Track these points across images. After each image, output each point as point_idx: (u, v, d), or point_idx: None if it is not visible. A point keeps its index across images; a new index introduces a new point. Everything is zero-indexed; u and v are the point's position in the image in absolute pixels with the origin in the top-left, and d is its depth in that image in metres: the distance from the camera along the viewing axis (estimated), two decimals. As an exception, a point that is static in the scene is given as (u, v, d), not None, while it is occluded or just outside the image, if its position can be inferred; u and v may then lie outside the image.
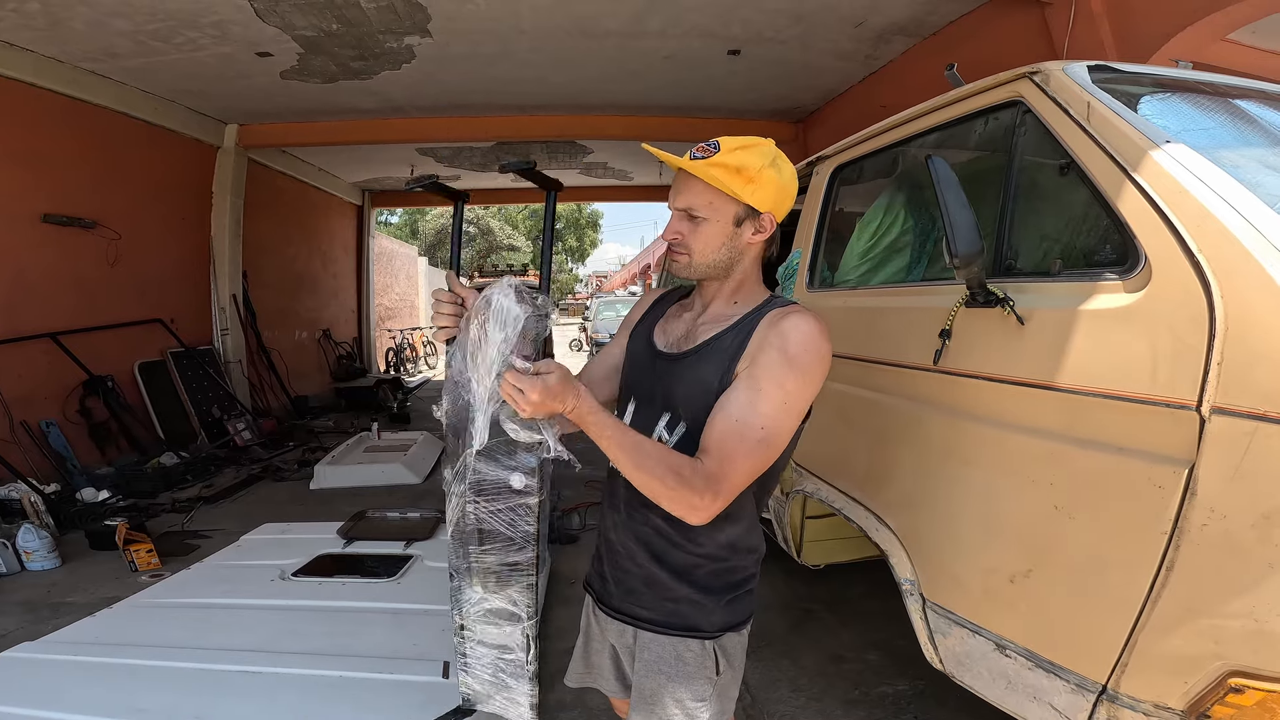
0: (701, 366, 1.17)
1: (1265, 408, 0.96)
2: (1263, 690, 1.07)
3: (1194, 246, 1.06)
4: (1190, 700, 1.14)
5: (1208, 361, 1.02)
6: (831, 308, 2.20)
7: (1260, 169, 1.23)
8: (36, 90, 5.32)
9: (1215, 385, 1.01)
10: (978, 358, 1.47)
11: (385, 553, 3.15)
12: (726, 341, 1.16)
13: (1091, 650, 1.27)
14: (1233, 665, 1.09)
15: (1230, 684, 1.09)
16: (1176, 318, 1.08)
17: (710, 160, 1.10)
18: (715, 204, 1.14)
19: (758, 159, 1.12)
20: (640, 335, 1.33)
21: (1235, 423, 1.00)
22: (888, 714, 2.32)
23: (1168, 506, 1.08)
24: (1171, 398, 1.07)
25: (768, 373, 1.08)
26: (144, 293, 6.59)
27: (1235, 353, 1.00)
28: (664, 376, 1.23)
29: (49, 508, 4.39)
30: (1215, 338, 1.01)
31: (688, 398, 1.17)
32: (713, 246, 1.16)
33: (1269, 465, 0.97)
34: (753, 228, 1.17)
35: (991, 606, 1.49)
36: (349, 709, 1.93)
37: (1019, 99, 1.50)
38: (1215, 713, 1.13)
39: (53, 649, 2.27)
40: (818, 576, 3.25)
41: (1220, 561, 1.06)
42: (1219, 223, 1.05)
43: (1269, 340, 0.98)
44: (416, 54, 5.66)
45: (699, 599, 1.21)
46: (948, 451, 1.59)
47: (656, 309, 1.36)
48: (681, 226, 1.17)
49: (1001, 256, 1.47)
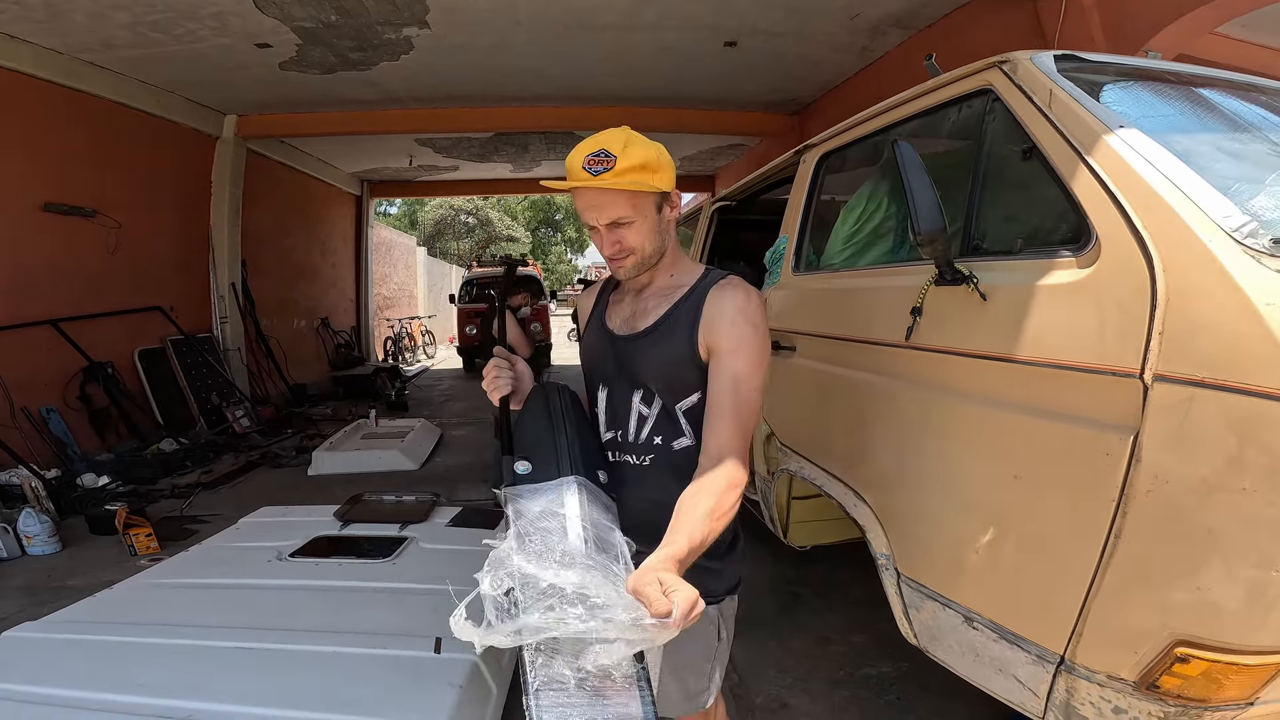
0: (667, 341, 1.26)
1: (1202, 374, 1.02)
2: (1207, 660, 1.09)
3: (1139, 224, 1.11)
4: (1140, 671, 1.17)
5: (1150, 331, 1.07)
6: (816, 290, 2.25)
7: (1214, 153, 1.28)
8: (37, 81, 5.36)
9: (1157, 354, 1.07)
10: (945, 333, 1.52)
11: (381, 535, 3.18)
12: (681, 312, 1.26)
13: (1050, 621, 1.30)
14: (1179, 635, 1.11)
15: (1176, 653, 1.12)
16: (1122, 291, 1.13)
17: (618, 170, 1.15)
18: (638, 204, 1.21)
19: (646, 149, 1.19)
20: (594, 326, 1.41)
21: (1175, 389, 1.05)
22: (871, 694, 2.38)
23: (1115, 474, 1.13)
24: (1117, 366, 1.13)
25: (741, 344, 1.19)
26: (144, 281, 6.65)
27: (1175, 323, 1.05)
28: (628, 357, 1.30)
29: (49, 493, 4.44)
30: (1157, 308, 1.07)
31: (659, 371, 1.26)
32: (649, 240, 1.24)
33: (1206, 431, 1.02)
34: (668, 206, 1.26)
35: (959, 578, 1.53)
36: (343, 682, 1.95)
37: (989, 87, 1.55)
38: (1164, 683, 1.15)
39: (53, 628, 2.29)
40: (805, 561, 3.31)
41: (1164, 528, 1.10)
42: (1163, 201, 1.10)
43: (1206, 311, 1.03)
44: (415, 45, 5.70)
45: (705, 564, 1.23)
46: (918, 425, 1.64)
47: (600, 300, 1.45)
48: (617, 235, 1.22)
49: (969, 237, 1.53)
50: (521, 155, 10.35)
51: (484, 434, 6.89)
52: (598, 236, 1.25)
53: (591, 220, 1.23)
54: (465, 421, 7.75)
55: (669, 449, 1.27)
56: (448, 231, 29.26)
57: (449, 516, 3.39)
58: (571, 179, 1.19)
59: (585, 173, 1.16)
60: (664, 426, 1.27)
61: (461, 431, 7.27)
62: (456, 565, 2.83)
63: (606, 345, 1.35)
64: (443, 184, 13.29)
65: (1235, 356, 0.99)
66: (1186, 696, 1.15)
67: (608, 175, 1.15)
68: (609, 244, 1.24)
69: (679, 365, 1.24)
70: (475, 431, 7.22)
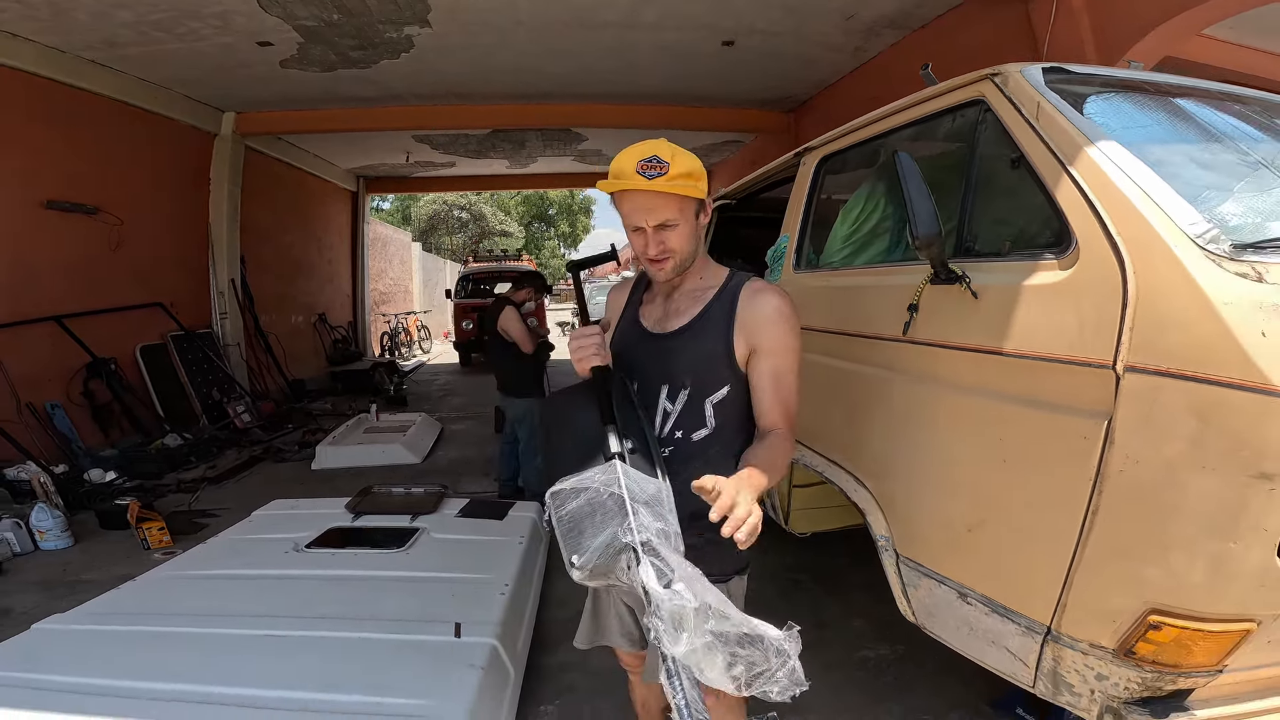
0: (701, 339, 1.36)
1: (1168, 365, 1.14)
2: (1178, 627, 1.19)
3: (1113, 230, 1.23)
4: (1119, 639, 1.27)
5: (1122, 327, 1.19)
6: (816, 287, 2.36)
7: (1186, 162, 1.39)
8: (38, 80, 5.40)
9: (1128, 347, 1.19)
10: (940, 328, 1.64)
11: (393, 526, 3.24)
12: (714, 312, 1.37)
13: (1037, 594, 1.40)
14: (1152, 604, 1.21)
15: (1150, 621, 1.22)
16: (1098, 290, 1.25)
17: (671, 175, 1.24)
18: (684, 208, 1.30)
19: (690, 159, 1.28)
20: (627, 323, 1.50)
21: (1144, 379, 1.17)
22: (869, 675, 2.48)
23: (1092, 455, 1.24)
24: (1093, 358, 1.24)
25: (783, 345, 1.34)
26: (145, 277, 6.69)
27: (1144, 319, 1.17)
28: (660, 354, 1.40)
29: (58, 488, 4.49)
30: (1128, 307, 1.19)
31: (694, 367, 1.36)
32: (689, 243, 1.34)
33: (1171, 416, 1.14)
34: (704, 214, 1.36)
35: (953, 556, 1.64)
36: (370, 667, 2.01)
37: (981, 98, 1.66)
38: (1140, 650, 1.25)
39: (82, 620, 2.32)
40: (806, 548, 3.39)
41: (1136, 505, 1.21)
42: (1135, 209, 1.22)
43: (1172, 309, 1.15)
44: (416, 44, 5.75)
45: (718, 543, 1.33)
46: (914, 414, 1.75)
47: (634, 296, 1.54)
48: (662, 237, 1.30)
49: (962, 239, 1.64)
50: (518, 152, 10.39)
51: (484, 428, 6.96)
52: (641, 238, 1.32)
53: (640, 221, 1.30)
54: (465, 416, 7.84)
55: (687, 441, 1.36)
56: (441, 227, 29.20)
57: (457, 508, 3.47)
58: (624, 182, 1.25)
59: (640, 177, 1.23)
60: (686, 420, 1.37)
61: (462, 426, 7.35)
62: (469, 555, 2.92)
63: (639, 341, 1.45)
64: (439, 180, 13.32)
65: (1197, 350, 1.11)
66: (1161, 662, 1.25)
67: (661, 180, 1.23)
68: (654, 245, 1.31)
69: (713, 361, 1.34)
70: (475, 425, 7.29)
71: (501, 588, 2.57)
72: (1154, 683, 1.27)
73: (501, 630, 2.26)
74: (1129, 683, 1.29)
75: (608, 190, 1.31)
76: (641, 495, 1.13)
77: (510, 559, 2.87)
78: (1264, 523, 1.10)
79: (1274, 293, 1.10)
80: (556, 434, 1.39)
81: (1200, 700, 1.30)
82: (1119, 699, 1.30)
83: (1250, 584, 1.14)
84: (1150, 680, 1.27)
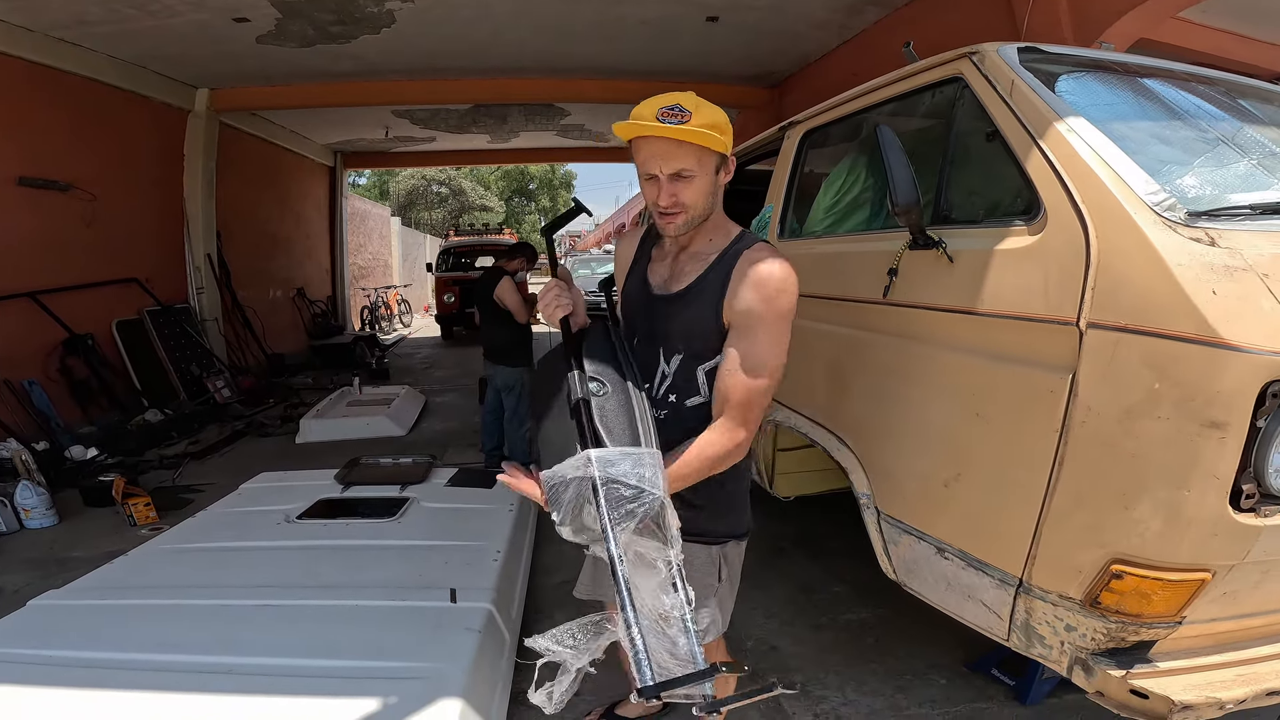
0: (696, 305, 1.32)
1: (1126, 321, 1.23)
2: (1138, 576, 1.25)
3: (1078, 198, 1.32)
4: (1085, 589, 1.33)
5: (1084, 286, 1.28)
6: (800, 254, 2.42)
7: (1148, 138, 1.49)
8: (8, 59, 5.26)
9: (1090, 305, 1.28)
10: (918, 291, 1.72)
11: (383, 496, 3.26)
12: (711, 278, 1.32)
13: (1009, 546, 1.47)
14: (1114, 553, 1.27)
15: (1112, 570, 1.27)
16: (1063, 253, 1.34)
17: (692, 124, 1.18)
18: (703, 160, 1.24)
19: (715, 111, 1.23)
20: (635, 279, 1.47)
21: (1104, 335, 1.26)
22: (852, 636, 2.58)
23: (1058, 408, 1.33)
24: (1059, 316, 1.33)
25: (759, 321, 1.25)
26: (120, 253, 6.58)
27: (1104, 279, 1.26)
28: (661, 316, 1.38)
29: (39, 465, 4.43)
30: (1090, 268, 1.28)
31: (686, 333, 1.34)
32: (703, 198, 1.28)
33: (1129, 368, 1.23)
34: (725, 171, 1.31)
35: (931, 511, 1.71)
36: (367, 631, 2.03)
37: (959, 75, 1.73)
38: (1104, 599, 1.30)
39: (77, 595, 2.30)
40: (788, 515, 3.49)
41: (1097, 455, 1.29)
42: (1098, 179, 1.31)
43: (1129, 269, 1.24)
44: (397, 18, 5.65)
45: (704, 505, 1.37)
46: (894, 373, 1.83)
47: (643, 249, 1.50)
48: (675, 188, 1.25)
49: (940, 208, 1.72)
50: (500, 127, 10.28)
51: (468, 400, 6.97)
52: (654, 187, 1.26)
53: (655, 169, 1.24)
54: (448, 388, 7.83)
55: (681, 406, 1.35)
56: (419, 201, 28.83)
57: (446, 478, 3.51)
58: (641, 125, 1.20)
59: (659, 123, 1.18)
60: (680, 384, 1.35)
61: (445, 398, 7.37)
62: (460, 522, 2.96)
63: (645, 300, 1.42)
64: (419, 155, 13.11)
65: (1152, 307, 1.20)
66: (1123, 612, 1.30)
67: (686, 126, 1.17)
68: (666, 195, 1.25)
69: (705, 329, 1.31)
70: (459, 398, 7.31)
71: (494, 554, 2.61)
72: (1118, 633, 1.33)
73: (496, 595, 2.31)
74: (1095, 633, 1.34)
75: (623, 135, 1.25)
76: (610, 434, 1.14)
77: (501, 526, 2.91)
78: (1215, 470, 1.16)
79: (1225, 255, 1.19)
80: (542, 390, 1.36)
81: (1162, 652, 1.37)
82: (1087, 650, 1.36)
83: (1204, 532, 1.20)
84: (1115, 630, 1.32)
